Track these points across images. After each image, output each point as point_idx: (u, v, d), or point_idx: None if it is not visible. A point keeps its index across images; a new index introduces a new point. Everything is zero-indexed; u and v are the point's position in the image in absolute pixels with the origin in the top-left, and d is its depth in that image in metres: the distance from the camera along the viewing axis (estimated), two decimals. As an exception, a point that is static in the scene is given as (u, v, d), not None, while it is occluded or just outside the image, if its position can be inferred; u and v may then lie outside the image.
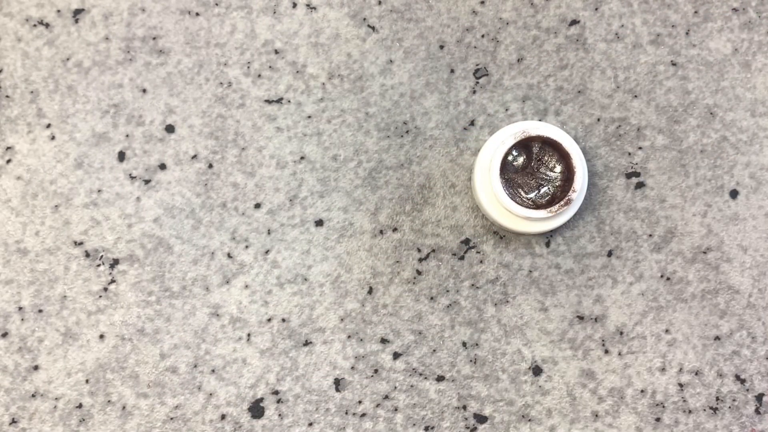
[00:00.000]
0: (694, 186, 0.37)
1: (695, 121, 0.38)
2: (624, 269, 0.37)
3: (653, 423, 0.37)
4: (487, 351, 0.37)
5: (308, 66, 0.38)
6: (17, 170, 0.38)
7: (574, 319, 0.37)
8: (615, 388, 0.37)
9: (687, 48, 0.38)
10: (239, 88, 0.38)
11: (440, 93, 0.38)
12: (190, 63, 0.38)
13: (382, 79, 0.38)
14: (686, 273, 0.37)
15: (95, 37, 0.38)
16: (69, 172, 0.38)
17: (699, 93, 0.38)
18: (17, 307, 0.37)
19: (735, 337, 0.37)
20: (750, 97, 0.38)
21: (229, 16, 0.38)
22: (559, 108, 0.38)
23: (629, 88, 0.38)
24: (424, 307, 0.37)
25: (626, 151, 0.38)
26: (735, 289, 0.37)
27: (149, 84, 0.38)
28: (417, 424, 0.37)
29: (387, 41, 0.38)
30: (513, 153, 0.36)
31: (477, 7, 0.38)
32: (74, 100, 0.38)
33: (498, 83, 0.38)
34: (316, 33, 0.38)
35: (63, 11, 0.39)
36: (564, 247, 0.37)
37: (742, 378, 0.37)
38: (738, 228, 0.37)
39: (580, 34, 0.38)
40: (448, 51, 0.38)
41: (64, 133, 0.38)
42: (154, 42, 0.38)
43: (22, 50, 0.38)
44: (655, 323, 0.37)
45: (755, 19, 0.38)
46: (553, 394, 0.37)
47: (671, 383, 0.37)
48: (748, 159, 0.37)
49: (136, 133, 0.38)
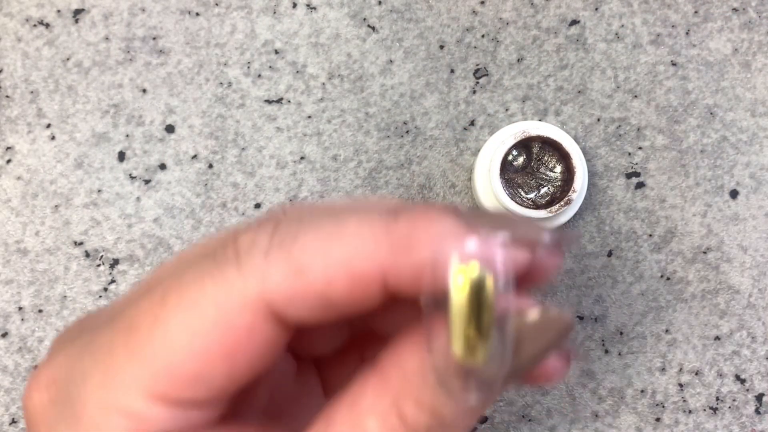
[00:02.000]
0: (694, 186, 0.37)
1: (695, 121, 0.38)
2: (624, 269, 0.37)
3: (653, 423, 0.37)
4: (487, 351, 0.37)
5: (308, 66, 0.38)
6: (17, 170, 0.38)
7: (574, 318, 0.37)
8: (615, 388, 0.37)
9: (687, 48, 0.38)
10: (239, 88, 0.38)
11: (440, 93, 0.38)
12: (190, 63, 0.38)
13: (382, 79, 0.38)
14: (686, 273, 0.37)
15: (95, 37, 0.38)
16: (69, 172, 0.38)
17: (699, 93, 0.38)
18: (17, 307, 0.37)
19: (735, 337, 0.37)
20: (750, 97, 0.38)
21: (229, 16, 0.38)
22: (559, 108, 0.38)
23: (629, 88, 0.38)
24: (424, 307, 0.37)
25: (626, 151, 0.38)
26: (735, 289, 0.37)
27: (149, 84, 0.38)
28: (417, 424, 0.37)
29: (387, 41, 0.38)
30: (513, 153, 0.36)
31: (477, 7, 0.38)
32: (74, 100, 0.38)
33: (498, 83, 0.38)
34: (316, 33, 0.38)
35: (63, 11, 0.39)
36: (564, 247, 0.37)
37: (742, 378, 0.37)
38: (738, 228, 0.37)
39: (580, 34, 0.38)
40: (448, 51, 0.38)
41: (64, 133, 0.38)
42: (154, 42, 0.38)
43: (22, 50, 0.38)
44: (655, 323, 0.37)
45: (755, 19, 0.38)
46: (553, 394, 0.37)
47: (671, 383, 0.37)
48: (748, 159, 0.37)
49: (136, 133, 0.38)
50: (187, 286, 0.20)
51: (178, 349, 0.20)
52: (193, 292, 0.20)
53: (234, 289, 0.20)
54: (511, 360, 0.18)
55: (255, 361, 0.20)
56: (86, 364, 0.21)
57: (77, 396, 0.20)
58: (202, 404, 0.21)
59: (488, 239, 0.18)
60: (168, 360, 0.20)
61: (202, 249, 0.22)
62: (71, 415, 0.20)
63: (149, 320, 0.20)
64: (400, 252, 0.19)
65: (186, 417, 0.20)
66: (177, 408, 0.20)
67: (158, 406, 0.20)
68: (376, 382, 0.20)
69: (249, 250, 0.20)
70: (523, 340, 0.18)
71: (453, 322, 0.17)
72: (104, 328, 0.21)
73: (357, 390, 0.21)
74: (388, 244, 0.19)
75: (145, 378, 0.20)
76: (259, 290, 0.20)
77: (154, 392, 0.20)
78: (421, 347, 0.19)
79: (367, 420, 0.20)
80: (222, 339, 0.20)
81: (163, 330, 0.20)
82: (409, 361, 0.20)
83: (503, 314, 0.18)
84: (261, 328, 0.20)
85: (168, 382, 0.20)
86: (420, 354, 0.20)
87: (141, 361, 0.20)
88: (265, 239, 0.20)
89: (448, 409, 0.19)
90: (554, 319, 0.19)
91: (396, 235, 0.19)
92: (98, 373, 0.20)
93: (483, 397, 0.18)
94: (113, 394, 0.20)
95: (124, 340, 0.20)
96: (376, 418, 0.20)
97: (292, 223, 0.21)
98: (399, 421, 0.20)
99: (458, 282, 0.17)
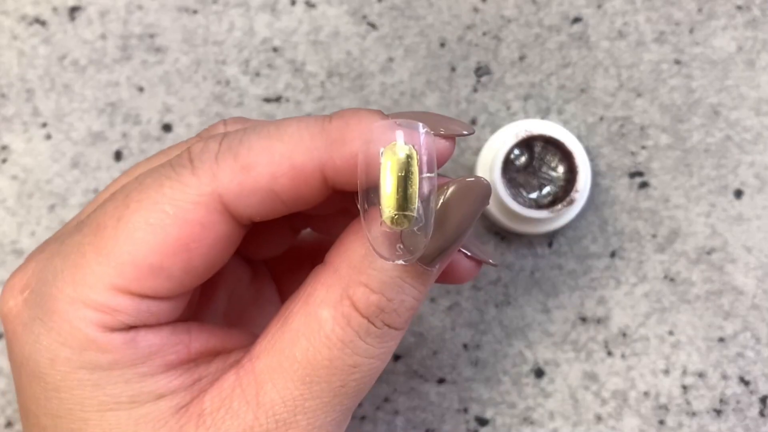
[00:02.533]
0: (698, 186, 0.37)
1: (699, 120, 0.37)
2: (627, 270, 0.37)
3: (657, 426, 0.36)
4: (489, 353, 0.37)
5: (307, 64, 0.38)
6: (12, 170, 0.38)
7: (576, 320, 0.37)
8: (618, 390, 0.37)
9: (691, 46, 0.38)
10: (237, 87, 0.38)
11: (441, 91, 0.38)
12: (188, 61, 0.38)
13: (382, 77, 0.38)
14: (690, 274, 0.37)
15: (92, 35, 0.38)
16: (65, 171, 0.38)
17: (703, 91, 0.37)
18: (13, 308, 0.37)
19: (739, 338, 0.37)
20: (754, 96, 0.37)
21: (227, 13, 0.38)
22: (562, 107, 0.38)
23: (633, 86, 0.37)
24: (425, 309, 0.37)
25: (629, 150, 0.37)
26: (739, 290, 0.37)
27: (146, 82, 0.38)
28: (417, 426, 0.37)
29: (387, 39, 0.38)
30: (515, 152, 0.36)
31: (478, 4, 0.38)
32: (70, 99, 0.38)
33: (500, 81, 0.38)
34: (315, 31, 0.38)
35: (59, 9, 0.38)
36: (566, 247, 0.37)
37: (746, 380, 0.37)
38: (742, 228, 0.37)
39: (582, 31, 0.38)
40: (449, 49, 0.38)
41: (60, 132, 0.38)
42: (151, 40, 0.38)
43: (17, 48, 0.38)
44: (658, 325, 0.37)
45: (760, 17, 0.38)
46: (556, 396, 0.37)
47: (675, 385, 0.37)
48: (752, 158, 0.37)
49: (133, 132, 0.38)
50: (147, 189, 0.22)
51: (141, 243, 0.22)
52: (152, 193, 0.22)
53: (189, 188, 0.22)
54: (436, 224, 0.21)
55: (210, 254, 0.22)
56: (57, 265, 0.23)
57: (49, 295, 0.22)
58: (162, 298, 0.23)
59: (410, 128, 0.21)
60: (132, 254, 0.22)
61: (158, 160, 0.24)
62: (44, 313, 0.22)
63: (114, 220, 0.22)
64: (335, 146, 0.22)
65: (148, 309, 0.22)
66: (141, 300, 0.22)
67: (123, 297, 0.22)
68: (326, 277, 0.22)
69: (200, 155, 0.22)
70: (448, 209, 0.21)
71: (383, 195, 0.20)
72: (73, 233, 0.23)
73: (310, 286, 0.23)
74: (324, 139, 0.22)
75: (112, 272, 0.22)
76: (212, 188, 0.22)
77: (119, 285, 0.22)
78: (362, 238, 0.22)
79: (321, 311, 0.22)
80: (179, 233, 0.22)
81: (126, 228, 0.22)
82: (355, 251, 0.22)
83: (429, 182, 0.21)
84: (214, 222, 0.22)
85: (132, 275, 0.22)
86: (363, 244, 0.22)
87: (107, 257, 0.22)
88: (215, 146, 0.23)
89: (393, 285, 0.22)
90: (471, 186, 0.22)
91: (331, 132, 0.22)
92: (68, 272, 0.22)
93: (412, 259, 0.21)
94: (82, 289, 0.22)
95: (91, 239, 0.22)
96: (329, 307, 0.22)
97: (238, 130, 0.23)
98: (350, 308, 0.22)
99: (387, 161, 0.20)
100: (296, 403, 0.22)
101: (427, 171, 0.21)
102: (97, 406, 0.22)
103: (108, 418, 0.22)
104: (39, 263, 0.23)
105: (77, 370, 0.22)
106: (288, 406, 0.22)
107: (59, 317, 0.22)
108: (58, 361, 0.22)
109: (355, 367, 0.22)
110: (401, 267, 0.22)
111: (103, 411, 0.22)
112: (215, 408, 0.22)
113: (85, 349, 0.22)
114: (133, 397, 0.22)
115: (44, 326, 0.22)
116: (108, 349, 0.22)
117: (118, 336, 0.22)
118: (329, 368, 0.22)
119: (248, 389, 0.22)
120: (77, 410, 0.22)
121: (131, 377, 0.22)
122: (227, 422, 0.22)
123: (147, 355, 0.22)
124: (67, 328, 0.22)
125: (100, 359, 0.22)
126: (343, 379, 0.22)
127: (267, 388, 0.22)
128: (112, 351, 0.22)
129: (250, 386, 0.22)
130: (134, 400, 0.22)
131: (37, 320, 0.22)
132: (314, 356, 0.22)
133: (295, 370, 0.22)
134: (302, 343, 0.22)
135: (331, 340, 0.22)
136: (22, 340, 0.23)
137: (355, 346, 0.22)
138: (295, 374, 0.22)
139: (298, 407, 0.22)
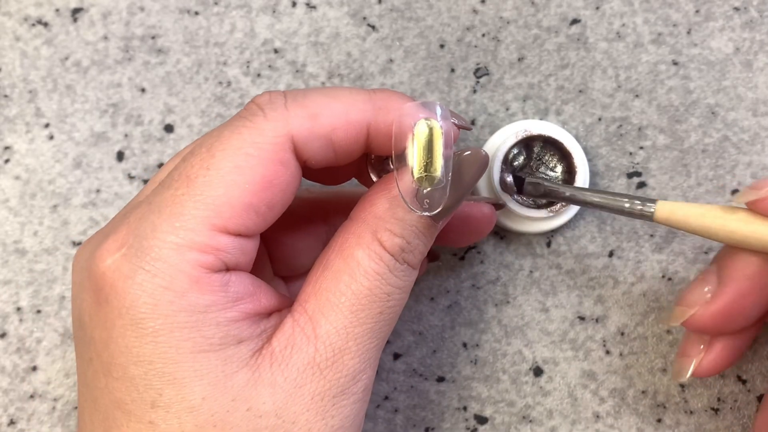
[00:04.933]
0: (696, 186, 0.37)
1: (697, 121, 0.38)
2: (625, 269, 0.37)
3: (654, 424, 0.37)
4: (488, 352, 0.37)
5: (308, 65, 0.38)
6: (15, 170, 0.38)
7: (575, 319, 0.37)
8: (616, 389, 0.37)
9: (688, 47, 0.38)
10: (238, 88, 0.38)
11: (441, 92, 0.38)
12: (189, 62, 0.38)
13: (382, 79, 0.38)
14: (688, 273, 0.37)
15: (94, 36, 0.38)
16: (67, 171, 0.38)
17: (700, 92, 0.38)
18: (15, 307, 0.37)
19: (737, 337, 0.37)
20: (752, 97, 0.38)
21: (228, 15, 0.38)
22: (560, 107, 0.38)
23: (630, 87, 0.38)
24: (424, 308, 0.37)
25: (627, 150, 0.38)
26: (737, 289, 0.37)
27: (148, 83, 0.38)
28: (417, 425, 0.37)
29: (387, 40, 0.38)
30: (514, 152, 0.36)
31: (477, 6, 0.38)
32: (73, 100, 0.38)
33: (499, 82, 0.38)
34: (315, 32, 0.38)
35: (61, 10, 0.39)
36: (565, 247, 0.37)
37: (743, 378, 0.37)
38: (740, 228, 0.37)
39: (581, 33, 0.38)
40: (448, 50, 0.38)
41: (62, 132, 0.38)
42: (153, 41, 0.38)
43: (20, 49, 0.38)
44: (656, 324, 0.37)
45: (757, 18, 0.38)
46: (554, 395, 0.37)
47: (673, 384, 0.37)
48: (749, 159, 0.37)
49: (135, 132, 0.38)
50: (227, 139, 0.25)
51: (233, 185, 0.25)
52: (234, 141, 0.25)
53: (266, 131, 0.25)
54: (451, 185, 0.25)
55: (286, 191, 0.26)
56: (153, 220, 0.25)
57: (150, 246, 0.24)
58: (250, 234, 0.26)
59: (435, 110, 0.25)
60: (227, 195, 0.24)
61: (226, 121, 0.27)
62: (147, 262, 0.24)
63: (203, 170, 0.25)
64: (381, 112, 0.26)
65: (242, 248, 0.25)
66: (236, 239, 0.25)
67: (223, 236, 0.25)
68: (356, 227, 0.27)
69: (270, 104, 0.26)
70: (460, 170, 0.26)
71: (416, 155, 0.24)
72: (160, 191, 0.25)
73: (341, 237, 0.27)
74: (372, 106, 0.27)
75: (211, 214, 0.24)
76: (286, 131, 0.25)
77: (219, 225, 0.24)
78: (385, 195, 0.27)
79: (357, 252, 0.26)
80: (264, 172, 0.25)
81: (218, 173, 0.25)
82: (380, 205, 0.26)
83: (446, 152, 0.25)
84: (289, 161, 0.26)
85: (229, 214, 0.25)
86: (386, 198, 0.26)
87: (204, 201, 0.24)
88: (280, 96, 0.26)
89: (411, 231, 0.26)
90: (476, 155, 0.27)
91: (376, 101, 0.27)
92: (167, 222, 0.24)
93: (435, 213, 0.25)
94: (185, 233, 0.24)
95: (185, 190, 0.25)
96: (363, 248, 0.26)
97: (295, 89, 0.27)
98: (380, 247, 0.26)
99: (419, 129, 0.24)
100: (347, 331, 0.26)
101: (445, 143, 0.25)
102: (190, 347, 0.24)
103: (200, 360, 0.24)
104: (131, 224, 0.25)
105: (177, 312, 0.24)
106: (341, 335, 0.25)
107: (163, 263, 0.24)
108: (160, 306, 0.24)
109: (389, 295, 0.26)
110: (416, 218, 0.26)
111: (196, 353, 0.24)
112: (282, 347, 0.25)
113: (186, 292, 0.24)
114: (222, 339, 0.25)
115: (147, 274, 0.24)
116: (208, 290, 0.24)
117: (217, 277, 0.25)
118: (369, 296, 0.26)
119: (306, 327, 0.26)
120: (171, 353, 0.24)
121: (222, 321, 0.25)
122: (294, 357, 0.25)
123: (234, 300, 0.25)
124: (172, 272, 0.24)
125: (199, 301, 0.24)
126: (381, 305, 0.26)
127: (321, 323, 0.26)
128: (210, 292, 0.24)
129: (307, 325, 0.26)
130: (223, 342, 0.25)
131: (140, 270, 0.24)
132: (357, 288, 0.26)
133: (343, 303, 0.26)
134: (345, 279, 0.26)
135: (368, 272, 0.26)
136: (123, 292, 0.24)
137: (388, 277, 0.26)
138: (343, 306, 0.26)
139: (349, 334, 0.26)
